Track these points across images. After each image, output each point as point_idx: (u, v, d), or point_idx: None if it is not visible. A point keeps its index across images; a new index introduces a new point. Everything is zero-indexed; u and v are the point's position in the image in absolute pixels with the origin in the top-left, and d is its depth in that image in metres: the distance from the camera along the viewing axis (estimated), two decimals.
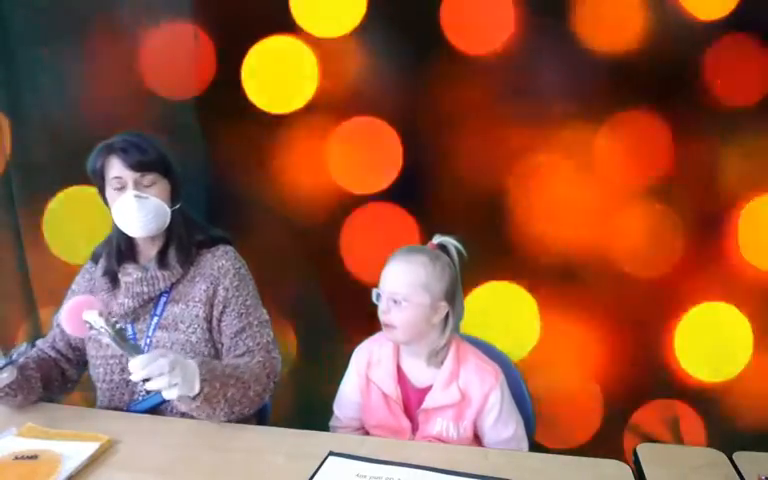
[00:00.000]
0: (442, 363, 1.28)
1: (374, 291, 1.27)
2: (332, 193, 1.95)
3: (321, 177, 1.95)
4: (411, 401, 1.30)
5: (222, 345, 1.40)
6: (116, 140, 1.35)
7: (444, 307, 1.26)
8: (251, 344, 1.38)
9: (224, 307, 1.39)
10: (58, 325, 1.50)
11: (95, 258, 1.48)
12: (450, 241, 1.29)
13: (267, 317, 1.44)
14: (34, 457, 1.12)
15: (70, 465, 1.10)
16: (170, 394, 1.14)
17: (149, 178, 1.35)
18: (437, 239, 1.30)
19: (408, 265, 1.25)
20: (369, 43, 1.87)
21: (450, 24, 1.81)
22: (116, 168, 1.34)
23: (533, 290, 1.90)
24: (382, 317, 1.27)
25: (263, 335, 1.40)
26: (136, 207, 1.33)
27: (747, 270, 1.80)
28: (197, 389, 1.17)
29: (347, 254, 1.96)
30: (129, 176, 1.33)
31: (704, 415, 1.87)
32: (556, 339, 1.90)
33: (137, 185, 1.34)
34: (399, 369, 1.32)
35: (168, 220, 1.39)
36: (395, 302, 1.24)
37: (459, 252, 1.29)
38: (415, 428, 1.30)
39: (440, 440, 1.28)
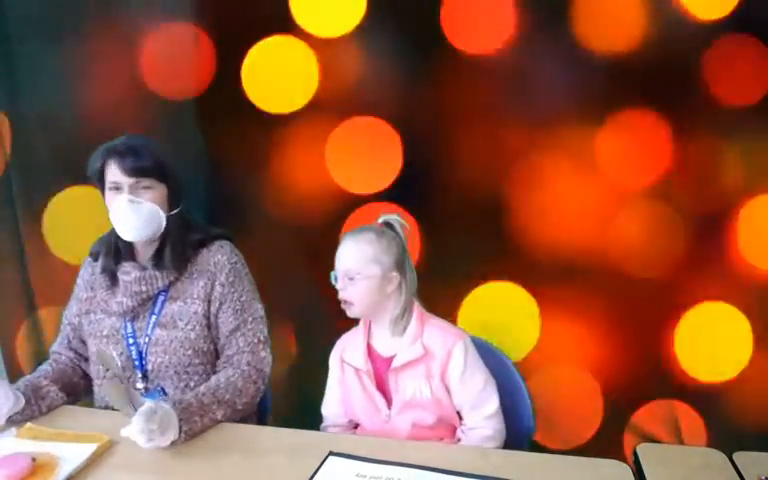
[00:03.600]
0: (405, 330, 1.34)
1: (331, 274, 1.35)
2: (332, 193, 1.94)
3: (321, 177, 1.94)
4: (381, 373, 1.35)
5: (219, 340, 1.42)
6: (115, 143, 1.36)
7: (396, 277, 1.33)
8: (242, 344, 1.40)
9: (220, 304, 1.40)
10: (69, 324, 1.49)
11: (93, 257, 1.49)
12: (394, 218, 1.38)
13: (262, 313, 1.46)
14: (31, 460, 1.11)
15: (67, 468, 1.09)
16: (148, 446, 1.12)
17: (145, 183, 1.35)
18: (382, 218, 1.39)
19: (357, 243, 1.34)
20: (369, 43, 1.86)
21: (450, 24, 1.80)
22: (113, 172, 1.35)
23: (533, 290, 1.90)
24: (340, 295, 1.34)
25: (255, 333, 1.42)
26: (130, 211, 1.34)
27: (747, 270, 1.80)
28: (174, 437, 1.15)
29: None
30: (125, 181, 1.34)
31: (704, 415, 1.87)
32: (556, 339, 1.90)
33: (132, 190, 1.34)
34: (370, 347, 1.38)
35: (164, 225, 1.39)
36: (350, 279, 1.32)
37: (403, 226, 1.38)
38: (389, 403, 1.33)
39: (416, 404, 1.31)
